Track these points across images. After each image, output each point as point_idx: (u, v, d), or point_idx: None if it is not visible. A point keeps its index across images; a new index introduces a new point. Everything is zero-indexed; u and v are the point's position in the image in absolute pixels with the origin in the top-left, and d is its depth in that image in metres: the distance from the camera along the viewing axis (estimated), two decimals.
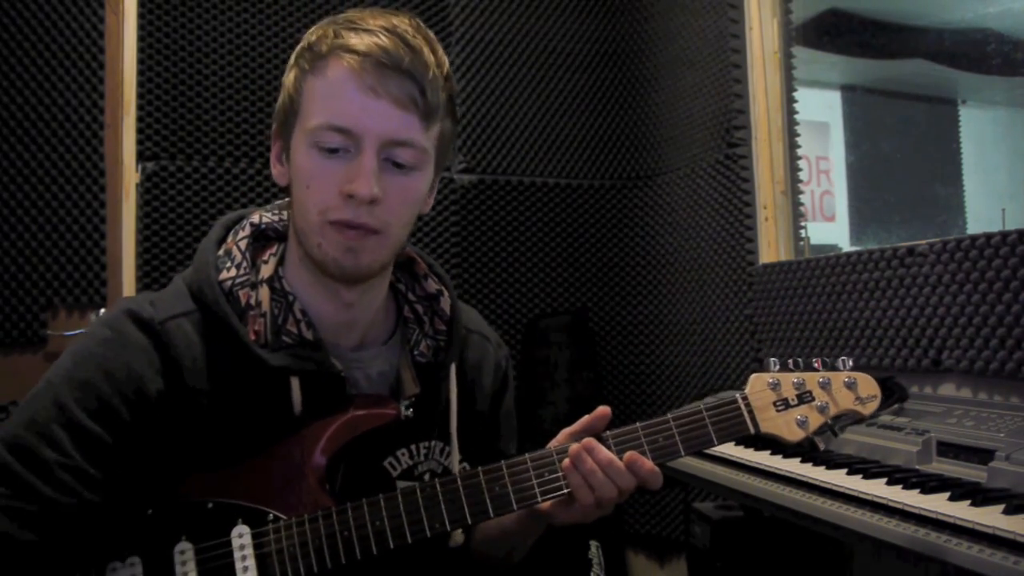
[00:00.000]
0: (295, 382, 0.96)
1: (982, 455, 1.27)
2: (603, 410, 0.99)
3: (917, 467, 1.34)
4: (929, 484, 1.19)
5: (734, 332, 2.41)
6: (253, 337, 0.96)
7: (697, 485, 1.82)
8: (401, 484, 1.02)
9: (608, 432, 0.98)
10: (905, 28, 3.49)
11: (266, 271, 1.01)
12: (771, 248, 2.32)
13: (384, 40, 0.93)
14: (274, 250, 1.04)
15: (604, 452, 0.95)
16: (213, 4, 2.58)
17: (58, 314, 2.37)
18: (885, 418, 1.49)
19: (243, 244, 1.02)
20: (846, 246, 3.44)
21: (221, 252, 1.02)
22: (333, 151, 0.93)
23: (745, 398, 0.99)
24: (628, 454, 0.95)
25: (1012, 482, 1.18)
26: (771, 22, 2.39)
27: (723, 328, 2.47)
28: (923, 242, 1.72)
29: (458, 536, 1.07)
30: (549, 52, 2.97)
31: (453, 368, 1.07)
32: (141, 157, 2.48)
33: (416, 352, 1.05)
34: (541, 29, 2.96)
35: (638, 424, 0.98)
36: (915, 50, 3.42)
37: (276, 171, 1.02)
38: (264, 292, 0.99)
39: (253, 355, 0.95)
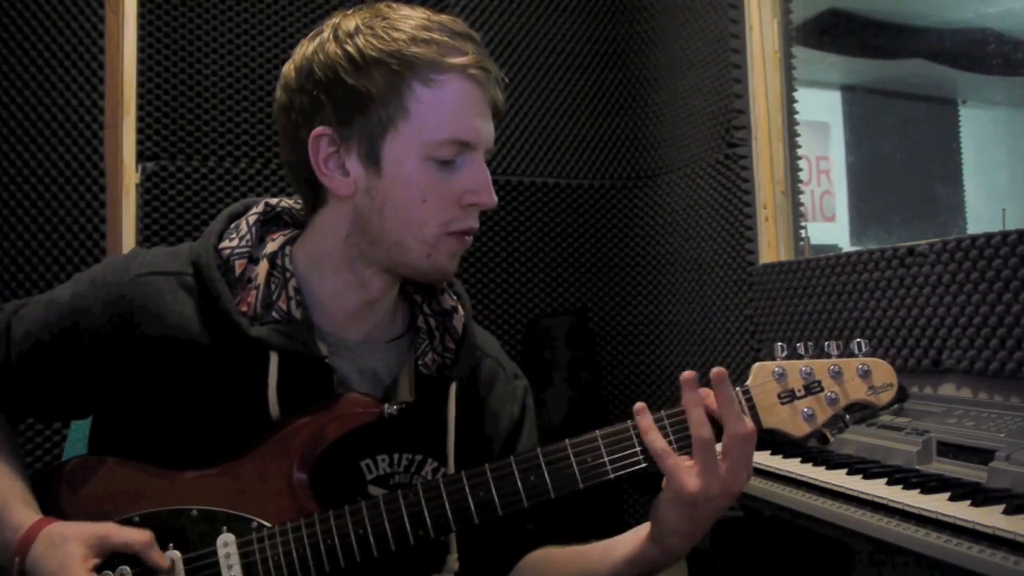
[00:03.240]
0: (274, 358, 0.95)
1: (982, 455, 1.27)
2: (687, 374, 0.92)
3: (917, 467, 1.34)
4: (929, 484, 1.19)
5: (734, 332, 2.41)
6: (245, 309, 0.96)
7: None
8: (372, 489, 1.00)
9: (571, 440, 0.94)
10: (905, 28, 3.49)
11: (271, 247, 1.01)
12: (771, 248, 2.32)
13: (481, 53, 0.96)
14: (286, 232, 1.04)
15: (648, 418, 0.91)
16: (213, 4, 2.58)
17: None
18: (885, 418, 1.49)
19: (252, 219, 1.03)
20: (846, 246, 3.44)
21: (231, 225, 1.03)
22: (448, 163, 0.94)
23: (746, 391, 0.93)
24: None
25: (1012, 482, 1.18)
26: (771, 22, 2.39)
27: (723, 328, 2.47)
28: (923, 242, 1.72)
29: (452, 563, 1.03)
30: (549, 52, 2.97)
31: (454, 387, 1.04)
32: (141, 157, 2.48)
33: (420, 362, 1.03)
34: (540, 29, 2.96)
35: (629, 422, 0.93)
36: (915, 50, 3.42)
37: (333, 181, 0.95)
38: (263, 266, 0.99)
39: (232, 322, 0.95)
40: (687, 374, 0.91)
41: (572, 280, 2.96)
